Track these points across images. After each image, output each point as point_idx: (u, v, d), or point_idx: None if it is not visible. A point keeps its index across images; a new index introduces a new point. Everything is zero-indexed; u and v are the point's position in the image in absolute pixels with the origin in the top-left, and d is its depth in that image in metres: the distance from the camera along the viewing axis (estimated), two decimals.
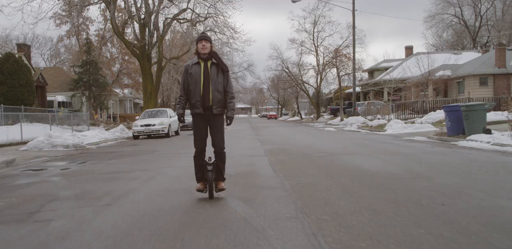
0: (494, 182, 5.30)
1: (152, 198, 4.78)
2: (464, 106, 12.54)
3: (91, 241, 3.20)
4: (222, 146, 4.63)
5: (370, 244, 2.93)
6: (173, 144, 13.49)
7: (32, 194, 5.26)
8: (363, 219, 3.58)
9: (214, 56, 4.63)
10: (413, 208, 3.92)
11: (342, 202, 4.28)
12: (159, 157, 9.53)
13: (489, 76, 25.60)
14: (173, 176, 6.43)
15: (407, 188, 4.91)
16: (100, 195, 5.09)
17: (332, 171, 6.51)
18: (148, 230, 3.41)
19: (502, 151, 9.10)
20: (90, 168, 7.97)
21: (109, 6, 25.01)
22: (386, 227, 3.32)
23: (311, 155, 8.89)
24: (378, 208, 3.95)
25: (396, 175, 5.93)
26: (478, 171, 6.23)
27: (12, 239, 3.39)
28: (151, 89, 25.65)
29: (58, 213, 4.19)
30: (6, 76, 22.16)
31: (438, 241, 2.95)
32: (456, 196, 4.42)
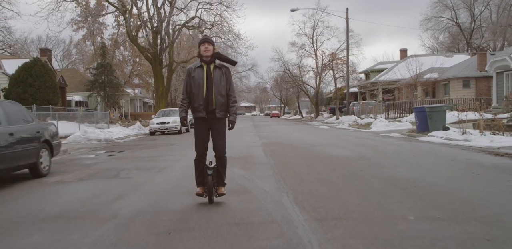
0: (410, 161, 8.00)
1: (183, 170, 7.47)
2: (428, 107, 15.26)
3: (157, 187, 5.95)
4: (223, 150, 4.67)
5: (310, 185, 5.65)
6: (187, 139, 16.22)
7: (105, 168, 8.05)
8: (311, 176, 6.31)
9: (218, 55, 4.67)
10: (344, 172, 6.64)
11: (303, 170, 7.02)
12: (178, 147, 12.30)
13: (472, 79, 28.19)
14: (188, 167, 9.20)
15: (349, 164, 7.63)
16: (149, 168, 7.85)
17: (306, 155, 9.24)
18: (186, 186, 6.08)
19: (446, 143, 11.77)
20: (130, 154, 10.76)
21: (124, 15, 27.83)
22: (323, 179, 6.05)
23: (297, 146, 11.62)
24: (323, 172, 6.68)
25: (349, 158, 8.65)
26: (409, 155, 8.93)
27: (113, 185, 6.15)
28: (162, 90, 28.46)
29: (131, 175, 6.97)
30: (34, 79, 25.00)
31: (351, 185, 5.67)
32: (377, 168, 7.12)
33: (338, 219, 3.80)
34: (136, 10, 28.66)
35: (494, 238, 3.17)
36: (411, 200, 4.53)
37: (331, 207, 4.29)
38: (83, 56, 53.11)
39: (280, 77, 50.93)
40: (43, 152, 7.01)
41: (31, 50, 49.61)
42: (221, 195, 4.67)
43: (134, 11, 30.05)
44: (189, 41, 37.27)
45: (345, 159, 8.38)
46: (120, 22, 33.82)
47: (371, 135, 16.52)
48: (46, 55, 30.17)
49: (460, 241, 3.12)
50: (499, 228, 3.43)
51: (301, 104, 60.81)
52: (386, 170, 6.82)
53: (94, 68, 33.96)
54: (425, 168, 6.94)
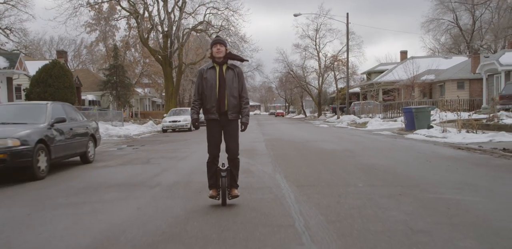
0: (385, 153, 9.90)
1: (199, 159, 9.33)
2: (415, 108, 17.15)
3: (181, 169, 7.91)
4: (236, 152, 4.72)
5: (297, 168, 7.58)
6: (197, 135, 18.17)
7: (136, 157, 10.05)
8: (300, 163, 8.24)
9: (230, 55, 4.71)
10: (327, 160, 8.57)
11: (295, 158, 8.96)
12: (192, 142, 14.28)
13: (466, 80, 29.93)
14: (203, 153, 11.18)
15: (333, 155, 9.56)
16: (171, 157, 9.83)
17: (301, 149, 11.17)
18: (204, 169, 8.03)
19: (426, 140, 13.62)
20: (151, 148, 12.76)
21: (137, 19, 29.86)
22: (309, 164, 7.98)
23: (294, 142, 13.56)
24: (310, 160, 8.62)
25: (335, 150, 10.57)
26: (386, 149, 10.82)
27: (148, 168, 8.12)
28: (172, 90, 30.49)
29: (159, 162, 8.95)
30: (53, 80, 27.07)
31: (328, 168, 7.59)
32: (354, 157, 9.03)
33: (310, 186, 5.73)
34: (147, 14, 30.71)
35: (404, 194, 5.09)
36: (367, 176, 6.46)
37: (308, 179, 6.23)
38: (92, 56, 55.39)
39: (284, 77, 52.85)
40: (90, 143, 9.01)
41: (44, 51, 51.81)
42: (235, 197, 4.69)
43: (145, 15, 32.13)
44: (196, 42, 39.26)
45: (332, 151, 10.31)
46: (131, 25, 35.92)
47: (364, 133, 18.41)
48: (62, 56, 32.30)
49: (382, 195, 5.04)
50: (413, 189, 5.35)
51: (305, 104, 62.76)
52: (360, 158, 8.75)
53: (107, 68, 36.08)
54: (392, 158, 8.86)
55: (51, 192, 5.91)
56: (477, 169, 7.11)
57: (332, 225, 3.78)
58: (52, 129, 7.35)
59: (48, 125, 7.32)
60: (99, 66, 40.79)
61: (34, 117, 7.45)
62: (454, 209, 4.32)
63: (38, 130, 6.96)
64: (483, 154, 9.26)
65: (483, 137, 12.75)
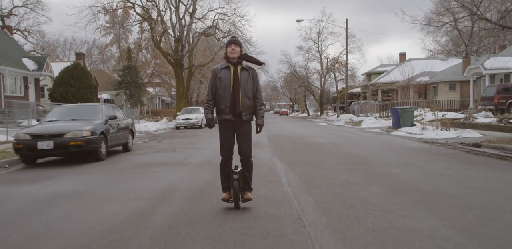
0: (363, 145, 12.47)
1: (216, 149, 11.97)
2: (400, 109, 19.68)
3: (204, 155, 10.54)
4: (249, 154, 4.72)
5: (290, 154, 10.19)
6: (209, 132, 20.77)
7: (163, 147, 12.70)
8: (293, 151, 10.85)
9: (244, 57, 4.69)
10: (314, 149, 11.16)
11: (290, 148, 11.56)
12: (205, 137, 16.90)
13: (457, 82, 32.35)
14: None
15: (321, 146, 12.15)
16: (193, 147, 12.46)
17: (296, 142, 13.76)
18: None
19: (405, 136, 16.12)
20: (172, 141, 15.41)
21: (151, 24, 32.52)
22: (299, 152, 10.58)
23: (292, 137, 16.14)
24: (301, 149, 11.22)
25: (324, 143, 13.15)
26: (366, 143, 13.38)
27: (178, 154, 10.76)
28: (182, 90, 33.18)
29: (184, 150, 11.59)
30: (75, 80, 29.85)
31: (313, 154, 10.19)
32: (336, 148, 11.60)
33: (296, 164, 8.33)
34: (159, 19, 33.37)
35: (357, 167, 7.67)
36: (338, 159, 9.04)
37: (295, 161, 8.83)
38: (103, 56, 58.26)
39: (289, 77, 55.44)
40: (129, 136, 11.68)
41: (58, 52, 54.71)
42: (248, 200, 4.66)
43: (158, 20, 34.78)
44: (204, 44, 41.91)
45: (320, 144, 12.91)
46: (143, 28, 38.65)
47: (357, 130, 20.96)
48: (81, 58, 35.13)
49: (342, 168, 7.61)
50: (365, 166, 7.92)
51: (309, 103, 65.30)
52: (340, 149, 11.34)
53: (121, 69, 38.85)
54: (365, 148, 11.43)
55: (115, 167, 8.57)
56: (423, 156, 9.67)
57: (303, 181, 6.37)
58: (107, 124, 10.01)
59: (104, 121, 9.98)
60: (113, 67, 43.60)
61: (93, 115, 10.11)
62: (384, 175, 6.90)
63: (99, 124, 9.62)
64: (440, 146, 11.81)
65: (452, 134, 15.26)
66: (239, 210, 4.62)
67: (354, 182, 6.26)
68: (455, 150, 10.87)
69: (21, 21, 44.13)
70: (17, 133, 9.11)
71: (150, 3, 32.02)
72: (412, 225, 3.93)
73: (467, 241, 3.49)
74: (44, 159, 9.78)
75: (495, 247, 3.38)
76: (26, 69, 26.28)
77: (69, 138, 8.70)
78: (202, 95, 51.76)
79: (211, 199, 5.23)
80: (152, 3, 31.93)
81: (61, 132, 8.76)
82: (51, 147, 8.54)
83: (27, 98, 26.14)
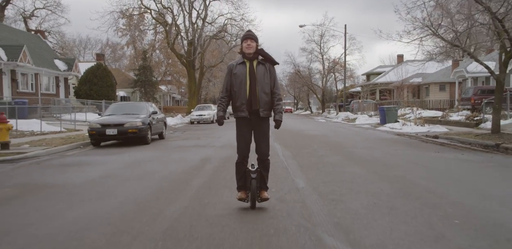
0: (348, 136, 15.95)
1: (230, 138, 15.48)
2: (386, 107, 23.13)
3: (222, 141, 14.06)
4: (267, 153, 4.67)
5: (288, 141, 13.70)
6: (220, 126, 24.31)
7: (188, 137, 16.26)
8: (290, 140, 14.37)
9: (261, 53, 4.60)
10: (306, 139, 14.67)
11: (289, 138, 15.08)
12: (219, 130, 20.34)
13: (447, 83, 35.67)
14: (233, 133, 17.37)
15: (313, 137, 15.65)
16: (211, 137, 16.00)
17: (294, 134, 17.24)
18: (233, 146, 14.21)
19: (387, 131, 19.55)
20: (193, 132, 18.96)
21: (166, 28, 36.06)
22: (295, 140, 14.09)
23: (292, 131, 19.63)
24: (297, 139, 14.74)
25: (316, 135, 16.64)
26: (351, 134, 16.86)
27: (202, 141, 14.32)
28: (194, 89, 36.75)
29: (205, 138, 15.14)
30: (98, 79, 33.49)
31: (305, 141, 13.71)
32: (324, 138, 15.10)
33: (291, 147, 11.82)
34: (174, 23, 36.91)
35: (333, 149, 11.17)
36: (322, 145, 12.53)
37: (291, 145, 12.33)
38: (115, 54, 61.97)
39: (293, 76, 58.90)
40: (164, 127, 15.22)
41: (75, 51, 58.44)
42: (265, 200, 4.61)
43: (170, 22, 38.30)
44: (213, 45, 45.44)
45: (313, 135, 16.40)
46: (157, 30, 42.21)
47: (349, 126, 24.42)
48: (101, 59, 38.81)
49: (322, 150, 11.10)
50: (340, 148, 11.41)
51: (313, 101, 68.72)
52: (327, 138, 14.83)
53: (136, 69, 42.49)
54: (347, 138, 14.91)
55: (161, 148, 12.11)
56: (388, 143, 13.13)
57: (292, 155, 9.85)
58: (150, 117, 13.56)
59: (148, 115, 13.53)
60: (127, 66, 47.33)
61: (140, 111, 13.67)
62: (348, 152, 10.39)
63: (146, 118, 13.18)
64: (407, 138, 15.26)
65: (425, 129, 18.67)
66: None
67: (325, 155, 9.78)
68: (415, 140, 14.33)
69: (42, 22, 47.71)
70: (90, 123, 12.71)
71: (165, 9, 35.54)
72: (345, 171, 7.42)
73: (372, 176, 6.95)
74: (105, 143, 13.35)
75: (391, 180, 6.83)
76: (57, 69, 29.94)
77: (128, 126, 12.27)
78: (210, 93, 55.36)
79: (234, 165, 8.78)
80: (167, 9, 35.47)
81: (122, 123, 12.34)
82: (115, 133, 12.11)
83: (58, 95, 29.81)
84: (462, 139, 13.28)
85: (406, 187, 5.91)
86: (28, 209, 4.98)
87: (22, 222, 4.41)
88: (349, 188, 5.90)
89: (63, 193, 5.90)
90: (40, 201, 5.44)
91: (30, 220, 4.46)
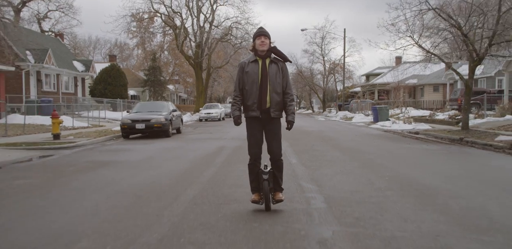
0: (340, 132, 18.54)
1: (238, 132, 18.07)
2: (378, 107, 25.72)
3: (231, 135, 16.66)
4: (279, 153, 4.66)
5: (289, 136, 16.30)
6: (228, 122, 26.85)
7: (201, 131, 18.90)
8: (290, 134, 16.89)
9: (274, 50, 4.56)
10: (304, 134, 17.27)
11: (288, 133, 17.65)
12: (226, 126, 23.03)
13: (440, 85, 38.13)
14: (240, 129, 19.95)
15: (310, 133, 18.25)
16: (222, 131, 18.61)
17: (293, 130, 19.54)
18: (243, 137, 16.81)
19: (378, 128, 22.10)
20: (204, 128, 21.59)
21: (175, 31, 38.67)
22: (294, 135, 16.63)
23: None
24: (296, 134, 17.26)
25: (313, 131, 19.23)
26: (343, 131, 19.44)
27: (215, 134, 16.93)
28: (201, 89, 39.36)
29: (216, 132, 17.76)
30: (112, 79, 36.17)
31: (303, 136, 16.31)
32: (320, 133, 17.68)
33: (289, 139, 14.35)
34: (182, 26, 39.51)
35: (324, 141, 13.77)
36: (316, 138, 15.11)
37: (289, 138, 14.88)
38: (122, 54, 64.67)
39: (295, 76, 61.45)
40: (181, 123, 17.85)
41: (87, 52, 61.16)
42: (279, 201, 4.58)
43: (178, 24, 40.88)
44: (218, 46, 48.02)
45: (310, 131, 18.99)
46: (166, 32, 44.82)
47: (345, 124, 26.99)
48: (114, 59, 41.49)
49: (315, 142, 13.69)
50: (329, 141, 14.00)
51: (316, 100, 71.31)
52: (322, 133, 17.41)
53: (146, 69, 45.17)
54: (339, 134, 17.48)
55: (181, 140, 14.72)
56: (372, 138, 15.69)
57: (290, 144, 12.43)
58: (171, 114, 16.17)
59: (169, 112, 16.15)
60: (137, 66, 50.06)
61: (163, 109, 16.28)
62: (335, 143, 12.96)
63: (167, 114, 15.79)
64: (391, 133, 17.82)
65: (411, 126, 21.21)
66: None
67: (316, 145, 12.37)
68: (397, 135, 16.89)
69: (56, 24, 50.37)
70: (122, 119, 15.37)
71: (175, 13, 38.17)
72: (329, 154, 9.99)
73: (347, 158, 9.51)
74: (132, 136, 15.97)
75: (360, 161, 9.37)
76: (76, 70, 32.64)
77: (153, 122, 14.90)
78: (215, 92, 58.00)
79: (245, 151, 11.42)
80: (176, 14, 38.09)
81: (149, 119, 14.96)
82: (143, 127, 14.74)
83: (76, 94, 32.51)
84: (436, 135, 15.83)
85: (368, 164, 8.49)
86: (111, 173, 7.57)
87: (112, 180, 6.99)
88: (327, 164, 8.49)
89: (126, 166, 8.51)
90: (116, 169, 8.05)
91: (119, 177, 7.05)
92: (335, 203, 5.05)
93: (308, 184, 6.34)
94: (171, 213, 4.68)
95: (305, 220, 4.33)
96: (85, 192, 5.97)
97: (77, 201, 5.41)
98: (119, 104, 31.79)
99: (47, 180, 7.10)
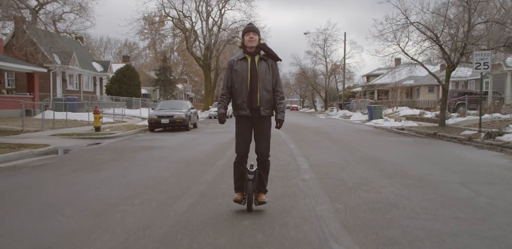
0: (336, 128, 21.45)
1: None
2: (372, 106, 28.63)
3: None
4: (266, 153, 4.61)
5: (290, 131, 19.25)
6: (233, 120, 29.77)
7: (214, 126, 21.88)
8: (292, 130, 19.93)
9: (263, 47, 4.51)
10: (303, 129, 20.19)
11: (290, 129, 20.59)
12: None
13: (435, 86, 40.88)
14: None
15: (309, 128, 21.17)
16: (231, 127, 21.52)
17: (295, 126, 22.74)
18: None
19: (371, 125, 24.99)
20: (215, 124, 24.53)
21: (185, 33, 41.65)
22: (294, 129, 19.62)
23: (293, 124, 25.10)
24: (297, 129, 20.28)
25: (311, 127, 22.15)
26: (339, 127, 22.36)
27: (226, 129, 19.90)
28: (209, 88, 42.34)
29: (227, 128, 20.77)
30: (127, 79, 39.20)
31: (301, 131, 19.25)
32: (317, 128, 20.59)
33: (291, 132, 17.32)
34: (192, 29, 42.48)
35: (320, 135, 16.69)
36: (313, 132, 18.03)
37: (291, 132, 17.85)
38: (131, 53, 67.76)
39: (299, 76, 64.38)
40: (197, 119, 20.82)
41: (96, 51, 64.23)
42: (262, 203, 4.55)
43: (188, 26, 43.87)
44: (225, 48, 51.00)
45: (309, 127, 21.90)
46: (176, 34, 47.81)
47: (343, 121, 29.90)
48: (127, 60, 44.54)
49: (312, 135, 16.61)
50: (324, 134, 16.91)
51: (319, 99, 74.22)
52: (319, 129, 20.33)
53: (157, 69, 48.23)
54: (334, 129, 20.39)
55: (199, 133, 17.67)
56: (361, 132, 18.58)
57: (290, 136, 15.33)
58: (189, 111, 19.13)
59: (188, 110, 19.11)
60: (148, 66, 53.18)
61: (182, 106, 19.24)
62: (328, 136, 15.88)
63: (187, 111, 18.75)
64: (379, 129, 20.71)
65: (400, 124, 24.10)
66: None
67: (312, 136, 15.30)
68: (384, 131, 19.79)
69: (71, 25, 53.33)
70: (149, 115, 18.32)
71: (185, 17, 41.18)
72: (320, 143, 12.90)
73: (334, 145, 12.42)
74: (157, 129, 18.92)
75: (344, 147, 12.28)
76: (95, 70, 35.69)
77: (176, 117, 17.88)
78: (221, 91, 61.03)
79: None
80: (187, 18, 41.10)
81: (172, 115, 17.94)
82: (167, 122, 17.72)
83: (95, 93, 35.58)
84: (417, 130, 18.72)
85: (347, 149, 11.39)
86: (159, 152, 10.51)
87: (163, 156, 9.93)
88: (317, 148, 11.41)
89: (167, 149, 11.47)
90: (161, 150, 11.00)
91: (166, 154, 9.99)
92: (315, 166, 8.02)
93: (300, 158, 9.30)
94: (214, 168, 7.77)
95: (296, 172, 7.32)
96: (150, 162, 8.95)
97: (150, 165, 8.41)
98: (134, 102, 34.79)
99: (118, 155, 10.09)
